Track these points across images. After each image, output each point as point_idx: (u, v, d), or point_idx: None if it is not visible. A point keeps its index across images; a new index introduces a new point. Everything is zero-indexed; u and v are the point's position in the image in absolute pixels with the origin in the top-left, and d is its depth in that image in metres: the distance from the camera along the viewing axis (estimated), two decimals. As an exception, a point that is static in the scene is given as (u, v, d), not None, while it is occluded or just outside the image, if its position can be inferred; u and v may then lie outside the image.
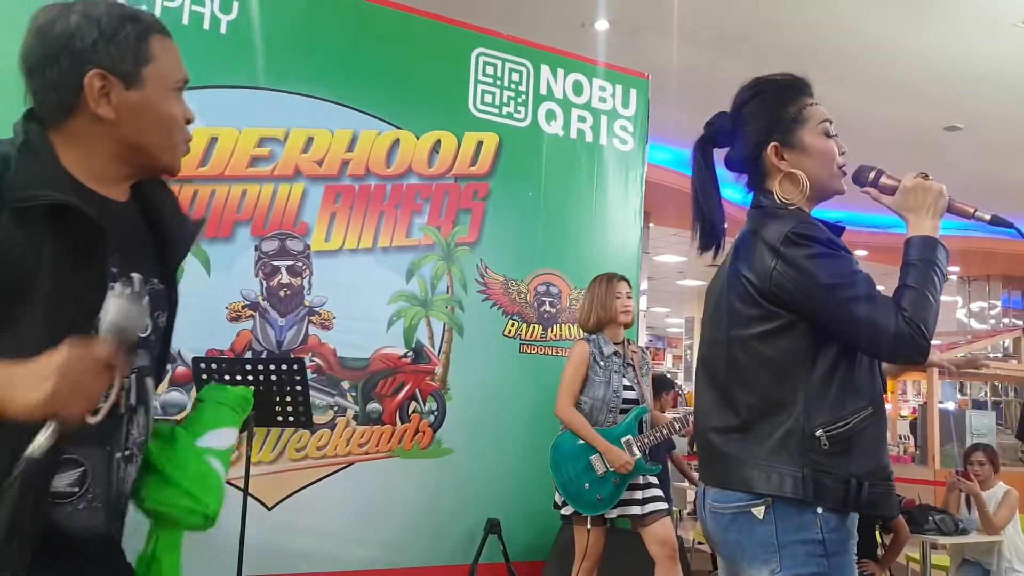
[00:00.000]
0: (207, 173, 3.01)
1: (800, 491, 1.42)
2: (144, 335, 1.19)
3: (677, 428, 3.16)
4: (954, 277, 14.09)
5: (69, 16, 1.14)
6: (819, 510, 1.42)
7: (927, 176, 1.52)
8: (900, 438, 10.71)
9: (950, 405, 11.30)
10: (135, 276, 1.18)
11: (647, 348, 4.16)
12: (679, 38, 5.17)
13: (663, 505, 2.97)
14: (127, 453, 1.17)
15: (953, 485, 4.44)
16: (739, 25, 5.38)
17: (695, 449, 4.63)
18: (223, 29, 3.03)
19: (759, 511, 1.45)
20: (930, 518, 4.24)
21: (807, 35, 5.54)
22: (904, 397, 13.44)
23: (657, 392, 4.38)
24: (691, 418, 3.69)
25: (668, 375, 17.24)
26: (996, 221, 1.33)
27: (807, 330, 1.44)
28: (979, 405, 11.99)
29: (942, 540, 4.16)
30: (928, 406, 8.16)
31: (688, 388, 14.20)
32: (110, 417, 1.10)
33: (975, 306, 13.82)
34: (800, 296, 1.43)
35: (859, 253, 12.16)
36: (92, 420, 1.05)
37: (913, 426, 10.21)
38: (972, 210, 1.43)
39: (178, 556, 1.26)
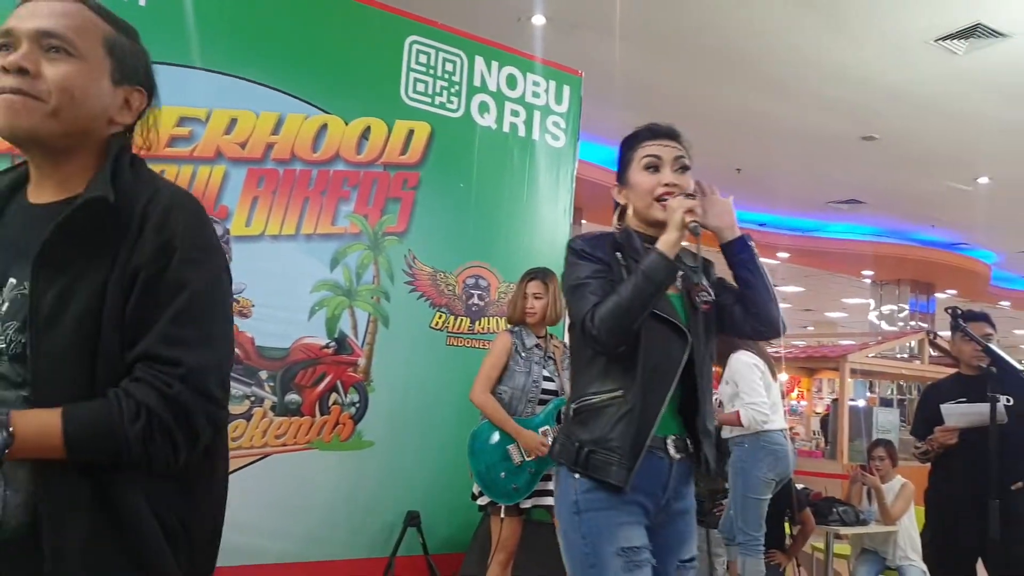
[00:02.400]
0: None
1: (554, 452, 1.82)
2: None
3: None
4: (867, 281, 14.70)
5: None
6: (576, 475, 1.74)
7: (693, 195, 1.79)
8: (814, 434, 11.13)
9: (861, 402, 11.78)
10: (11, 281, 1.07)
11: None
12: (615, 37, 5.22)
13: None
14: None
15: (856, 478, 4.65)
16: (673, 27, 5.47)
17: None
18: (142, 2, 2.90)
19: (556, 474, 1.84)
20: (834, 510, 4.45)
21: (735, 40, 5.67)
22: (820, 395, 13.94)
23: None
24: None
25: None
26: None
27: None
28: (886, 403, 12.57)
29: (844, 531, 4.35)
30: (839, 403, 8.51)
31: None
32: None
33: (885, 309, 14.45)
34: (563, 294, 1.87)
35: (781, 255, 12.56)
36: None
37: (824, 422, 10.60)
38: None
39: None
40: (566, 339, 3.24)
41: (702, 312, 1.81)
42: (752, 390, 3.79)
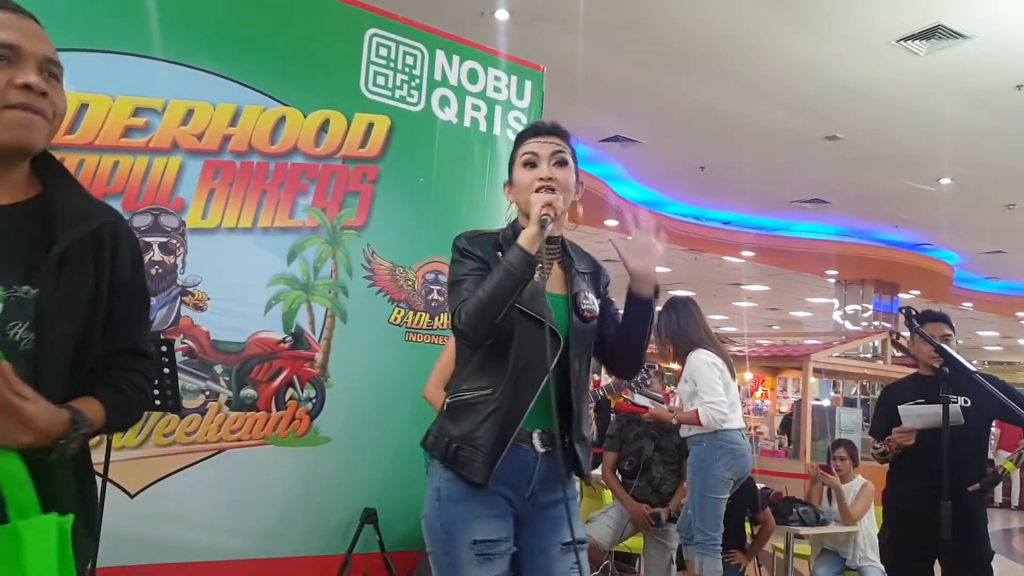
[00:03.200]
0: (75, 141, 2.82)
1: (427, 441, 1.87)
2: None
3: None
4: (832, 281, 14.90)
5: None
6: (441, 464, 1.81)
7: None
8: (777, 433, 11.27)
9: (825, 402, 11.93)
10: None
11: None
12: (578, 32, 5.23)
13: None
14: None
15: (816, 478, 4.71)
16: (637, 22, 5.49)
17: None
18: (98, -12, 2.85)
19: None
20: (794, 510, 4.50)
21: (700, 36, 5.71)
22: (784, 394, 14.11)
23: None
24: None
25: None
26: None
27: None
28: (849, 403, 12.75)
29: (804, 531, 4.41)
30: (803, 403, 8.62)
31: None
32: None
33: (850, 308, 14.66)
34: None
35: (745, 254, 12.70)
36: None
37: (787, 422, 10.73)
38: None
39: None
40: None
41: (584, 320, 1.87)
42: (711, 389, 3.81)
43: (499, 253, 1.82)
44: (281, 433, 3.18)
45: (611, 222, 10.08)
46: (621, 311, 1.98)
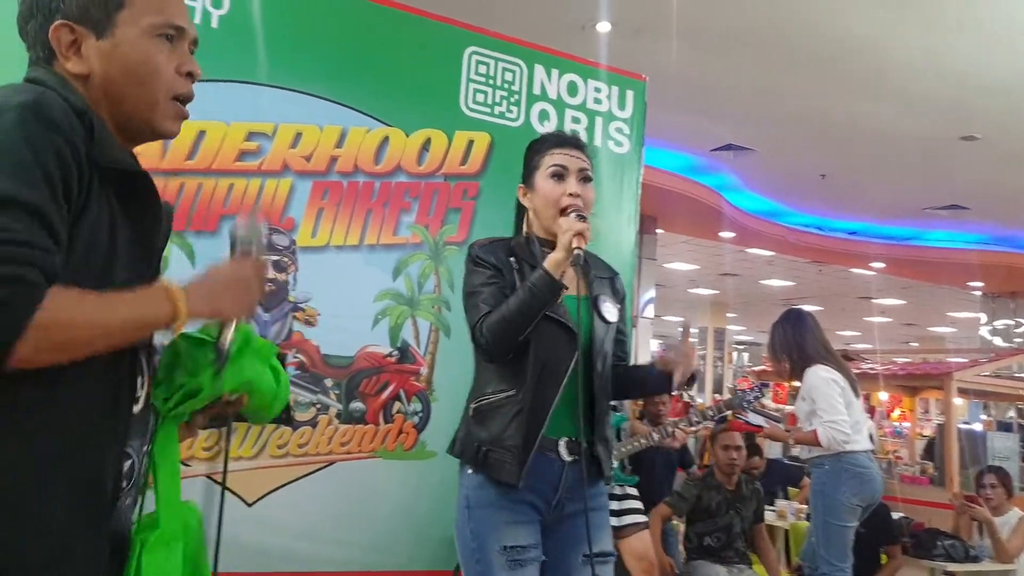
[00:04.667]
0: (194, 166, 3.00)
1: (456, 449, 1.91)
2: None
3: (655, 439, 3.12)
4: (977, 293, 13.84)
5: None
6: (469, 471, 1.85)
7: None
8: (919, 459, 10.51)
9: (977, 426, 11.06)
10: None
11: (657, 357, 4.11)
12: (683, 40, 5.13)
13: (641, 518, 2.92)
14: (148, 447, 1.18)
15: (961, 509, 4.33)
16: (745, 27, 5.33)
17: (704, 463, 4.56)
18: (214, 24, 3.03)
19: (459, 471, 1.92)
20: (939, 543, 4.14)
21: (812, 38, 5.47)
22: (927, 416, 13.16)
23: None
24: (671, 429, 3.64)
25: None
26: None
27: None
28: (1004, 427, 11.72)
29: (951, 567, 4.04)
30: (946, 426, 7.98)
31: (701, 399, 14.07)
32: (145, 407, 1.13)
33: (999, 323, 13.58)
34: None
35: (875, 265, 12.01)
36: (136, 409, 1.10)
37: (931, 446, 9.99)
38: None
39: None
40: (652, 351, 3.17)
41: (607, 321, 1.90)
42: (831, 407, 3.59)
43: (511, 259, 1.85)
44: (389, 446, 3.24)
45: (726, 233, 9.80)
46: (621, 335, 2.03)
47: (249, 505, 3.02)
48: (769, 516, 5.00)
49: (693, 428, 4.08)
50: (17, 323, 0.86)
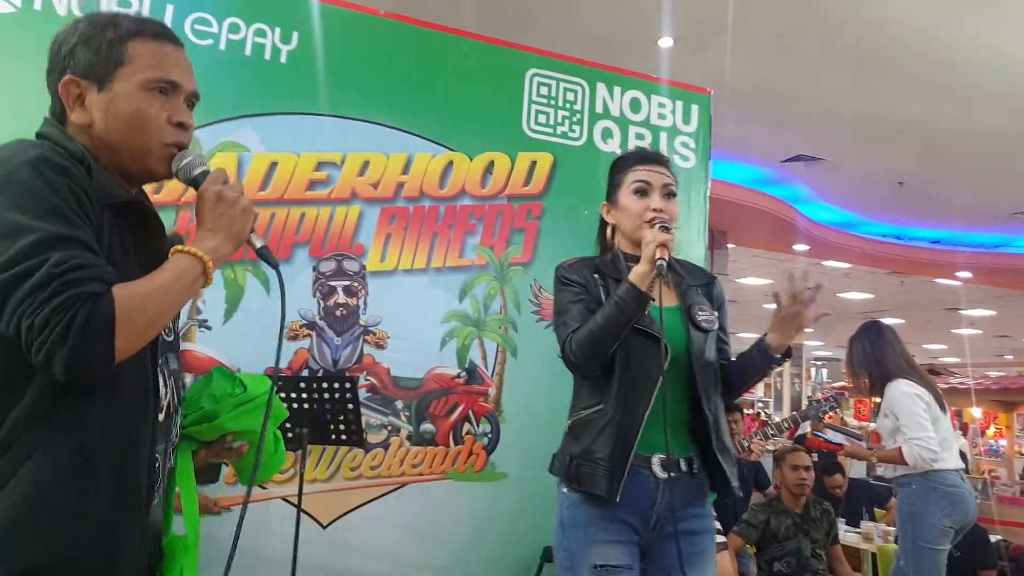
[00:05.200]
0: (267, 197, 3.11)
1: (553, 467, 1.92)
2: (169, 339, 1.27)
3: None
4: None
5: (68, 29, 1.21)
6: (564, 489, 1.84)
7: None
8: (1019, 478, 9.95)
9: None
10: None
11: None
12: (748, 52, 5.05)
13: (719, 539, 2.85)
14: (172, 449, 1.27)
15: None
16: (812, 35, 5.21)
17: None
18: (283, 59, 3.14)
19: (544, 489, 1.94)
20: (1042, 567, 3.92)
21: (882, 42, 5.30)
22: (1027, 432, 12.45)
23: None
24: (746, 443, 3.54)
25: (759, 403, 16.63)
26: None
27: None
28: (1121, 447, 10.94)
29: (1054, 592, 3.82)
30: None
31: (778, 416, 13.66)
32: (167, 415, 1.22)
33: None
34: None
35: (962, 275, 11.49)
36: (160, 417, 1.19)
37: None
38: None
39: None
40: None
41: (702, 332, 1.85)
42: (916, 424, 3.43)
43: (596, 276, 1.84)
44: (459, 468, 3.26)
45: (801, 246, 9.54)
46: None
47: (324, 527, 3.08)
48: (854, 538, 4.80)
49: (768, 442, 3.96)
50: (109, 326, 1.03)
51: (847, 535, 4.77)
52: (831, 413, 3.90)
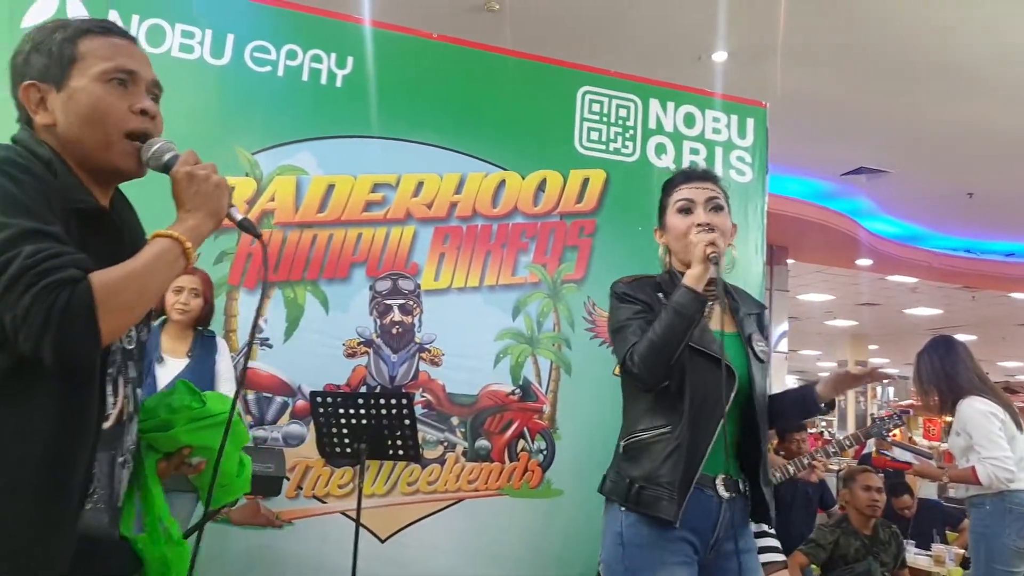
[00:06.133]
0: (325, 219, 3.19)
1: (605, 487, 1.88)
2: (130, 347, 1.27)
3: (791, 472, 2.98)
4: None
5: (21, 42, 1.24)
6: (622, 508, 1.80)
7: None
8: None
9: None
10: None
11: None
12: (804, 64, 4.97)
13: (780, 557, 2.79)
14: (124, 459, 1.26)
15: None
16: (870, 45, 5.10)
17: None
18: (339, 83, 3.23)
19: (602, 508, 1.91)
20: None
21: (944, 51, 5.16)
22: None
23: (782, 435, 4.13)
24: (807, 461, 3.45)
25: (823, 422, 16.18)
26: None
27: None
28: None
29: None
30: None
31: (841, 434, 13.25)
32: (116, 423, 1.22)
33: None
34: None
35: (1037, 288, 11.02)
36: (105, 425, 1.19)
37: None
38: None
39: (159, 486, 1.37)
40: (788, 386, 3.06)
41: (760, 359, 1.85)
42: (991, 442, 3.28)
43: (660, 295, 1.82)
44: (515, 484, 3.26)
45: (864, 261, 9.29)
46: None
47: (382, 541, 3.11)
48: (924, 561, 4.62)
49: (830, 460, 3.85)
50: (90, 309, 1.04)
51: (917, 558, 4.59)
52: (896, 431, 3.77)
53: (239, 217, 1.28)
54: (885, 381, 1.98)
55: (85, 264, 1.07)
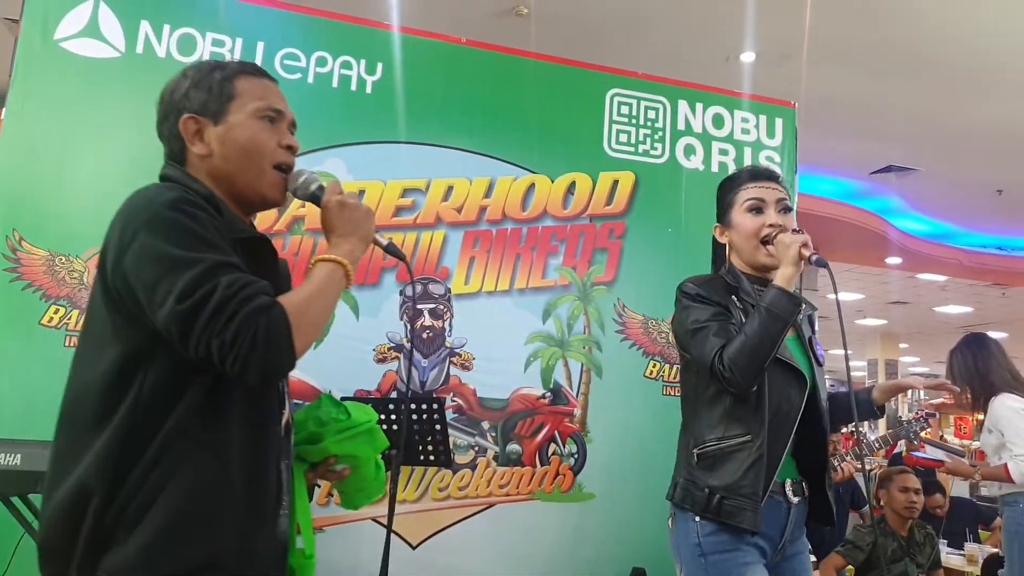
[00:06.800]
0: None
1: (676, 495, 1.82)
2: None
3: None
4: None
5: (176, 79, 1.35)
6: (696, 518, 1.75)
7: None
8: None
9: None
10: None
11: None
12: (831, 64, 4.92)
13: (810, 558, 2.76)
14: (290, 465, 1.37)
15: None
16: (898, 44, 5.04)
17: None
18: (368, 89, 3.24)
19: (670, 520, 1.85)
20: None
21: (973, 48, 5.08)
22: None
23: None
24: (835, 463, 3.41)
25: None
26: None
27: (698, 367, 1.80)
28: None
29: None
30: None
31: (873, 435, 13.11)
32: (285, 432, 1.34)
33: None
34: (676, 336, 1.89)
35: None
36: (282, 432, 1.31)
37: None
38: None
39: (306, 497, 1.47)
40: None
41: (820, 362, 1.86)
42: (1023, 440, 3.26)
43: (734, 297, 1.81)
44: (547, 488, 3.25)
45: (893, 259, 9.18)
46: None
47: (413, 548, 3.12)
48: (957, 560, 4.55)
49: (857, 461, 3.81)
50: (287, 331, 1.16)
51: (950, 557, 4.53)
52: (927, 430, 3.73)
53: (385, 242, 1.44)
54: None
55: (270, 291, 1.19)
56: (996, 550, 4.30)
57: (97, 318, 1.20)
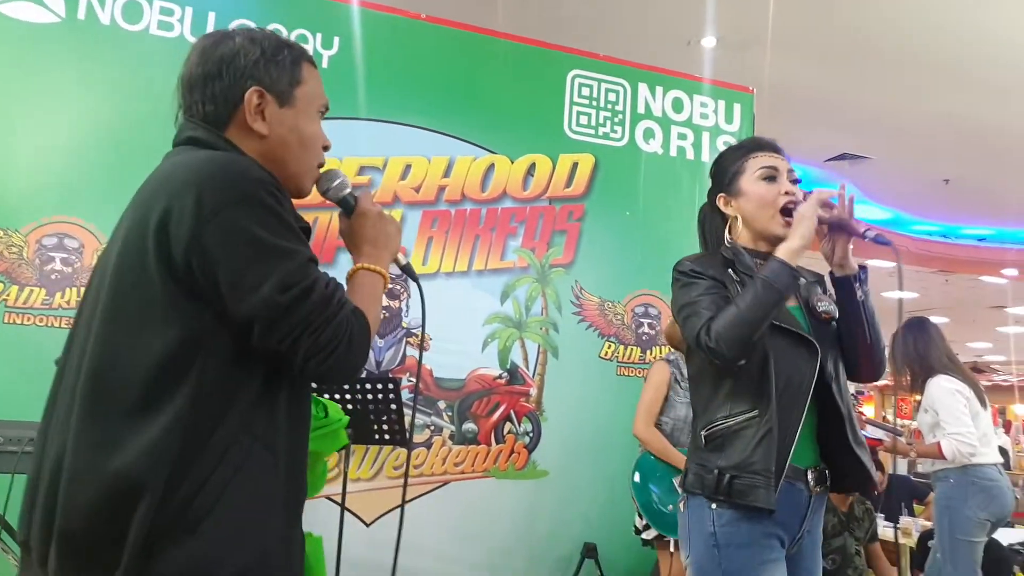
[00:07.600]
0: (309, 202, 3.07)
1: (688, 481, 1.71)
2: None
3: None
4: None
5: (233, 38, 1.24)
6: (713, 506, 1.65)
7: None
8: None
9: None
10: None
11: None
12: (791, 51, 4.98)
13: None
14: None
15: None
16: (855, 34, 5.13)
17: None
18: (324, 64, 3.18)
19: (682, 503, 1.74)
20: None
21: (926, 40, 5.19)
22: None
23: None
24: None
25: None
26: None
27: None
28: None
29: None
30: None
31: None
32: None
33: None
34: (676, 320, 1.74)
35: (1008, 272, 11.22)
36: None
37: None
38: None
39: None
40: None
41: (825, 324, 1.71)
42: (955, 419, 3.39)
43: (730, 271, 1.71)
44: (501, 466, 3.28)
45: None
46: None
47: (367, 525, 3.12)
48: (892, 533, 4.73)
49: None
50: (368, 338, 1.17)
51: (885, 530, 4.71)
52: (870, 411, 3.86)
53: (404, 261, 1.41)
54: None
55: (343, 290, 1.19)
56: (930, 524, 4.46)
57: (136, 292, 1.08)
